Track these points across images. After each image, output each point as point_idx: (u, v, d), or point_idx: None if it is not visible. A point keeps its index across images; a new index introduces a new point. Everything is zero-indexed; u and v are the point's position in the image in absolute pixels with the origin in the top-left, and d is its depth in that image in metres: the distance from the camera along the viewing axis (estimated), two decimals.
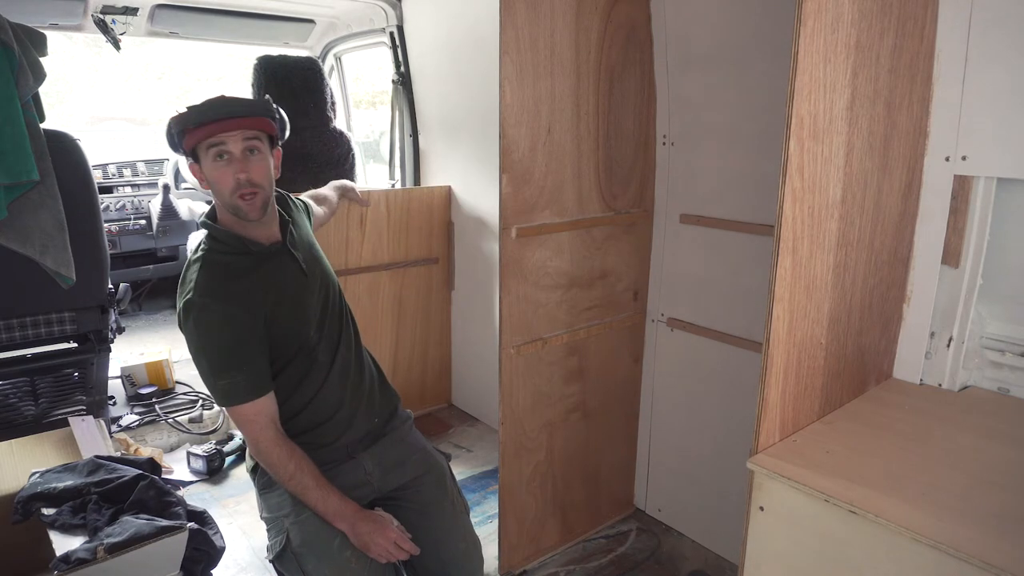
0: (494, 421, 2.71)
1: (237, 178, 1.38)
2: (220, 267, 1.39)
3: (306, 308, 1.48)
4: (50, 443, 1.86)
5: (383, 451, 1.56)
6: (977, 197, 1.34)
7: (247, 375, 1.36)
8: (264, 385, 1.38)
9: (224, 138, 1.37)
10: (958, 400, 1.38)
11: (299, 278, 1.48)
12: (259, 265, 1.43)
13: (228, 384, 1.35)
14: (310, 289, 1.49)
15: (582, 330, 2.05)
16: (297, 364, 1.46)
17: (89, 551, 1.37)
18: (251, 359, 1.37)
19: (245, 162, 1.38)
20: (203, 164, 1.40)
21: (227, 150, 1.38)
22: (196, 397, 3.01)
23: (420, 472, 1.58)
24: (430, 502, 1.55)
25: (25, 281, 2.08)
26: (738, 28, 1.81)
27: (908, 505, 1.00)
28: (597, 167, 1.97)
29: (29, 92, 1.94)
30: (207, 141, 1.37)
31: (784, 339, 1.15)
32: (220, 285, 1.37)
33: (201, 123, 1.36)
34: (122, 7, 2.83)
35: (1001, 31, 1.25)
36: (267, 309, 1.40)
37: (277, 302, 1.42)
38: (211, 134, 1.36)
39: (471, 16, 2.65)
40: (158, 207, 3.97)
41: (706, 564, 2.09)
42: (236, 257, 1.42)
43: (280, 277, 1.45)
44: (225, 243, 1.42)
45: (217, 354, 1.35)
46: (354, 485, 1.49)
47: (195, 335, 1.35)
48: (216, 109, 1.37)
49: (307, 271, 1.50)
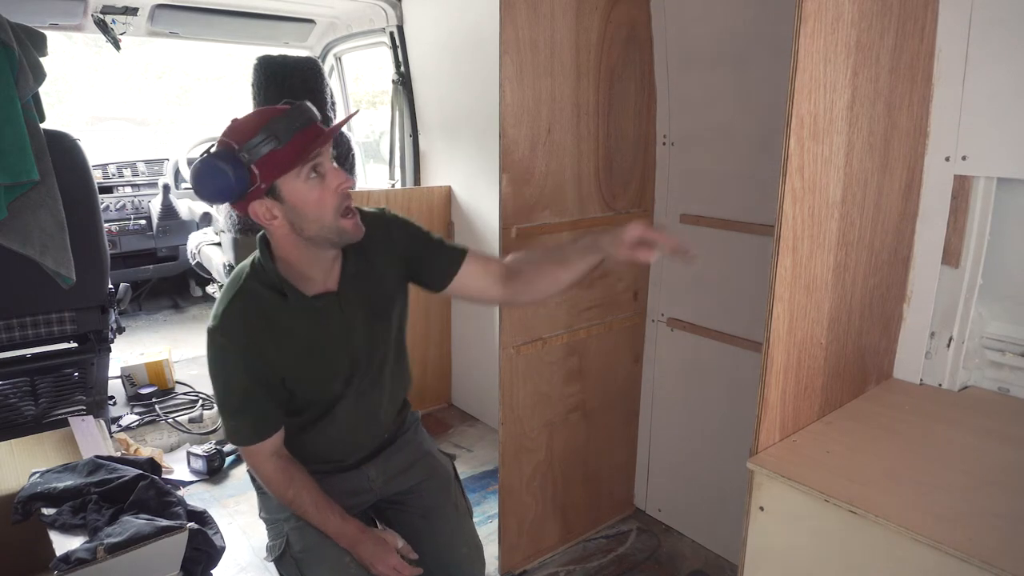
0: (494, 421, 2.71)
1: (342, 191, 1.15)
2: (253, 304, 1.23)
3: (337, 366, 1.31)
4: (50, 443, 1.86)
5: (387, 459, 1.49)
6: (977, 197, 1.34)
7: (253, 422, 1.27)
8: (270, 429, 1.29)
9: (323, 150, 1.13)
10: (958, 400, 1.38)
11: (340, 334, 1.29)
12: (295, 316, 1.25)
13: (234, 425, 1.29)
14: (349, 347, 1.31)
15: (582, 330, 2.05)
16: (315, 410, 1.35)
17: (89, 551, 1.37)
18: (259, 407, 1.27)
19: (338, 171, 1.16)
20: (288, 192, 1.12)
21: (323, 163, 1.14)
22: (196, 397, 3.01)
23: (424, 477, 1.52)
24: (433, 507, 1.50)
25: (25, 281, 2.08)
26: (738, 28, 1.81)
27: (908, 505, 1.00)
28: (597, 167, 1.97)
29: (29, 92, 1.94)
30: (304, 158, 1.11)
31: (784, 339, 1.15)
32: (246, 328, 1.21)
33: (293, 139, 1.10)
34: (122, 7, 2.83)
35: (1001, 31, 1.25)
36: (289, 366, 1.26)
37: (304, 359, 1.27)
38: (308, 150, 1.10)
39: (471, 16, 2.65)
40: (158, 207, 3.97)
41: (706, 564, 2.09)
42: (274, 296, 1.23)
43: (315, 333, 1.27)
44: (268, 275, 1.24)
45: (225, 396, 1.27)
46: (356, 491, 1.45)
47: (212, 367, 1.26)
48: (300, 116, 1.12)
49: (354, 326, 1.30)
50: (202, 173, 1.11)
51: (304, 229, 1.16)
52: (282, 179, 1.11)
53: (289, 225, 1.16)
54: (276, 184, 1.12)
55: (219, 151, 1.11)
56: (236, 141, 1.10)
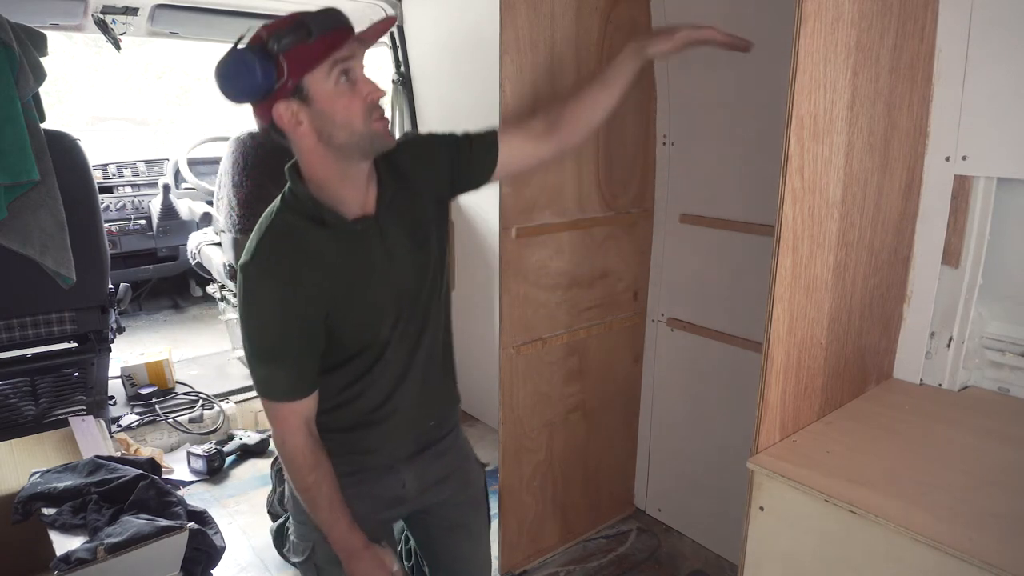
0: (494, 421, 2.71)
1: (371, 98, 1.08)
2: (287, 235, 1.12)
3: (383, 301, 1.20)
4: (50, 443, 1.86)
5: (426, 465, 1.35)
6: (977, 197, 1.34)
7: (288, 372, 1.15)
8: (306, 386, 1.17)
9: (352, 50, 1.06)
10: (958, 400, 1.38)
11: (383, 265, 1.18)
12: (334, 243, 1.14)
13: (267, 375, 1.15)
14: (393, 279, 1.20)
15: (582, 330, 2.05)
16: (359, 361, 1.21)
17: (89, 551, 1.37)
18: (296, 355, 1.14)
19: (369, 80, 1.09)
20: (316, 92, 1.05)
21: (353, 67, 1.07)
22: (196, 397, 3.01)
23: (458, 490, 1.41)
24: (460, 524, 1.42)
25: (25, 281, 2.08)
26: (738, 28, 1.79)
27: (908, 505, 1.00)
28: (597, 167, 1.97)
29: (29, 92, 1.94)
30: (335, 56, 1.04)
31: (784, 339, 1.15)
32: (281, 260, 1.11)
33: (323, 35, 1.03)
34: (122, 7, 2.83)
35: (1001, 31, 1.25)
36: (333, 300, 1.14)
37: (348, 292, 1.15)
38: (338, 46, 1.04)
39: (471, 16, 2.65)
40: (158, 207, 3.97)
41: (706, 564, 2.09)
42: (309, 225, 1.13)
43: (358, 263, 1.16)
44: (302, 203, 1.13)
45: (259, 340, 1.14)
46: (389, 503, 1.32)
47: (242, 308, 1.14)
48: (336, 15, 1.06)
49: (395, 257, 1.19)
50: (227, 64, 1.03)
51: (333, 136, 1.07)
52: (310, 78, 1.04)
53: (316, 134, 1.08)
54: (304, 84, 1.04)
55: (247, 44, 1.04)
56: (265, 32, 1.04)
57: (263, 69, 1.01)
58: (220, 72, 1.04)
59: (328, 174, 1.12)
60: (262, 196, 2.91)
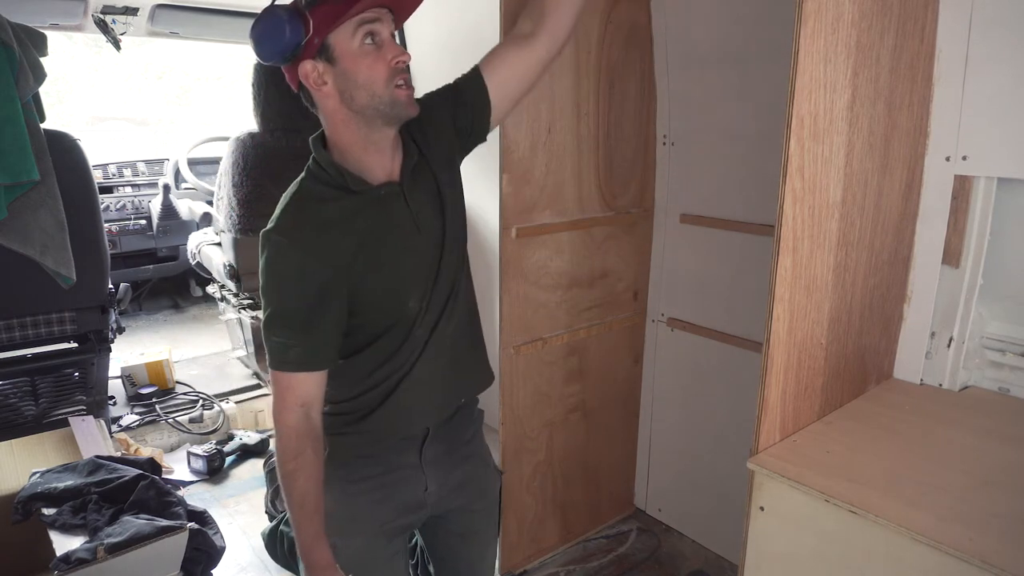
0: (494, 421, 2.71)
1: (397, 62, 1.09)
2: (312, 202, 1.12)
3: (411, 271, 1.17)
4: (50, 443, 1.86)
5: (449, 471, 1.31)
6: (977, 197, 1.34)
7: (304, 343, 1.11)
8: (319, 361, 1.13)
9: (379, 14, 1.07)
10: (958, 400, 1.38)
11: (409, 233, 1.16)
12: (360, 210, 1.12)
13: (281, 344, 1.11)
14: (421, 248, 1.18)
15: (582, 330, 2.05)
16: (388, 338, 1.18)
17: (89, 551, 1.37)
18: (316, 326, 1.11)
19: (397, 46, 1.09)
20: (341, 53, 1.06)
21: (379, 30, 1.07)
22: (196, 397, 3.01)
23: (475, 498, 1.38)
24: (473, 533, 1.40)
25: (25, 281, 2.08)
26: (738, 28, 1.81)
27: (908, 505, 1.00)
28: (597, 167, 1.97)
29: (29, 92, 1.94)
30: (359, 17, 1.05)
31: (784, 339, 1.15)
32: (305, 227, 1.10)
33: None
34: (122, 7, 2.83)
35: (1001, 31, 1.25)
36: (358, 269, 1.12)
37: (374, 261, 1.13)
38: (363, 8, 1.05)
39: (471, 16, 2.65)
40: (158, 207, 3.97)
41: (706, 564, 2.09)
42: (334, 192, 1.12)
43: (384, 230, 1.14)
44: (326, 172, 1.13)
45: (280, 307, 1.11)
46: (411, 508, 1.28)
47: (264, 275, 1.11)
48: None
49: (421, 224, 1.17)
50: (259, 21, 1.07)
51: (355, 98, 1.09)
52: (335, 37, 1.06)
53: (339, 95, 1.09)
54: (329, 42, 1.06)
55: (279, 1, 1.08)
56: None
57: (291, 25, 1.04)
58: (253, 29, 1.08)
59: (352, 138, 1.12)
60: (262, 196, 2.91)
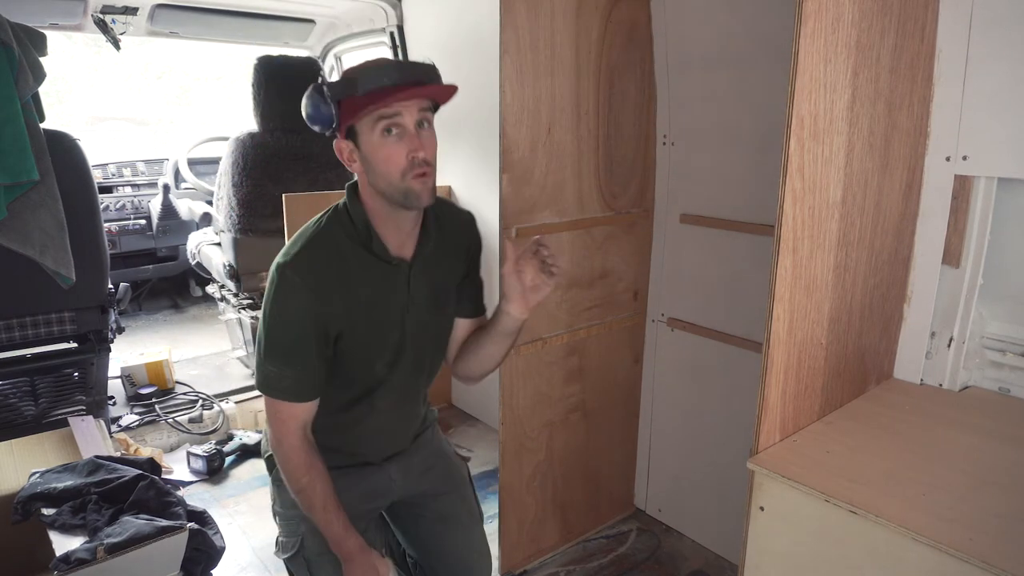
0: (494, 421, 2.71)
1: (413, 156, 1.15)
2: (334, 250, 1.21)
3: (389, 340, 1.28)
4: (50, 443, 1.86)
5: (409, 459, 1.45)
6: (978, 197, 1.34)
7: (298, 375, 1.21)
8: (311, 392, 1.23)
9: (400, 108, 1.13)
10: (958, 400, 1.38)
11: (400, 309, 1.28)
12: (369, 270, 1.23)
13: (276, 374, 1.21)
14: (405, 325, 1.29)
15: (582, 330, 2.05)
16: (350, 390, 1.31)
17: (89, 551, 1.37)
18: (309, 361, 1.21)
19: (419, 137, 1.16)
20: (363, 140, 1.15)
21: (400, 123, 1.14)
22: (196, 397, 3.01)
23: (442, 481, 1.50)
24: (450, 515, 1.49)
25: (25, 281, 2.08)
26: (738, 28, 1.81)
27: (908, 505, 1.00)
28: (597, 167, 1.97)
29: (29, 92, 1.94)
30: (378, 112, 1.12)
31: (784, 339, 1.15)
32: (321, 273, 1.19)
33: (371, 91, 1.12)
34: (122, 7, 2.83)
35: (1001, 31, 1.25)
36: (349, 323, 1.22)
37: (364, 320, 1.24)
38: (385, 105, 1.12)
39: (471, 16, 2.65)
40: (158, 207, 3.97)
41: (706, 564, 2.09)
42: (354, 248, 1.22)
43: (381, 299, 1.25)
44: (355, 225, 1.22)
45: (277, 339, 1.20)
46: (378, 493, 1.41)
47: (269, 305, 1.20)
48: (389, 73, 1.13)
49: (412, 305, 1.28)
50: (306, 96, 1.16)
51: (374, 182, 1.18)
52: (360, 126, 1.15)
53: (365, 174, 1.19)
54: (355, 128, 1.16)
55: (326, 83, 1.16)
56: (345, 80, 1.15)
57: (323, 110, 1.15)
58: (303, 101, 1.18)
59: (374, 210, 1.22)
60: (262, 196, 2.91)
